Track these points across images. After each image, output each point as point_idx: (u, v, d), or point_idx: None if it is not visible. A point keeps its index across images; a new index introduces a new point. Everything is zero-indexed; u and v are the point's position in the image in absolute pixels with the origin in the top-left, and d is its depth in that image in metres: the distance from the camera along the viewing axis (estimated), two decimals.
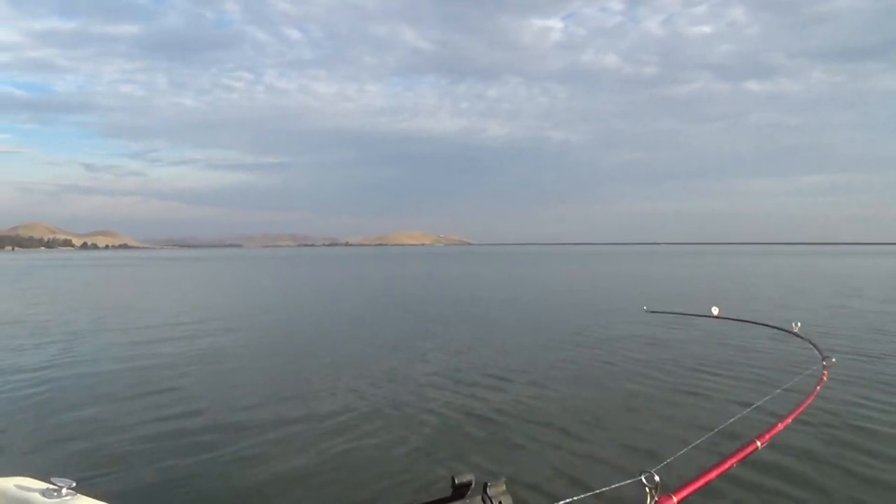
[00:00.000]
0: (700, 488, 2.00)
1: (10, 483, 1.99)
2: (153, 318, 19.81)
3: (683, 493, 1.95)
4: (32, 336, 15.52)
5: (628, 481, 1.96)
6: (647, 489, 1.87)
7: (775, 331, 5.17)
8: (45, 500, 1.85)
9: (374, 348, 13.27)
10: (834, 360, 3.54)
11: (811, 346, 3.97)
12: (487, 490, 1.92)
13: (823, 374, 3.30)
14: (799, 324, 4.27)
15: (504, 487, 1.95)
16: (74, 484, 1.91)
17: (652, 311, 10.29)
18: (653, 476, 1.87)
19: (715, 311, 5.39)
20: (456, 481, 1.92)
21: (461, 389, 9.27)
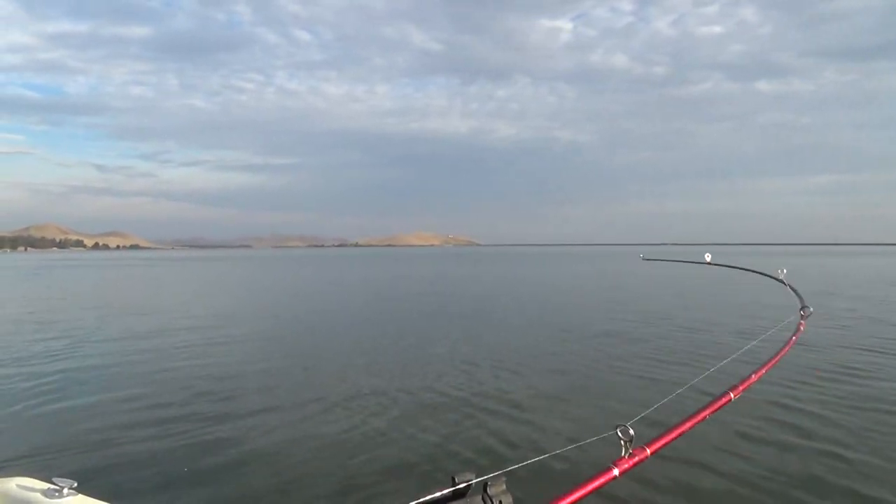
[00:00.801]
0: (674, 440, 2.04)
1: (12, 483, 1.99)
2: (161, 317, 20.10)
3: (657, 445, 2.01)
4: (39, 334, 15.80)
5: (603, 435, 2.01)
6: (622, 442, 1.92)
7: (762, 277, 5.28)
8: (47, 500, 1.85)
9: (379, 348, 13.50)
10: (811, 309, 3.64)
11: (793, 293, 4.10)
12: (488, 489, 1.92)
13: (800, 324, 3.40)
14: (785, 271, 4.40)
15: (504, 486, 1.93)
16: (76, 484, 1.90)
17: (647, 259, 10.51)
18: (627, 430, 1.92)
19: (707, 257, 5.58)
20: (456, 480, 1.91)
21: (463, 390, 9.47)
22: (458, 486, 1.90)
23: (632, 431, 1.91)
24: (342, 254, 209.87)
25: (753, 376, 2.60)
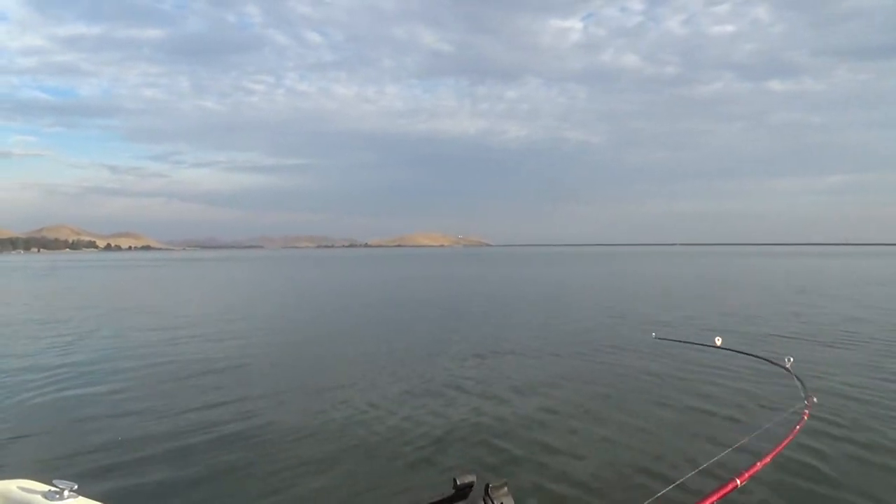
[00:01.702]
0: None
1: (13, 485, 2.01)
2: (165, 317, 20.11)
3: None
4: (39, 334, 15.78)
5: None
6: None
7: (769, 364, 5.35)
8: (48, 502, 1.87)
9: (384, 348, 13.44)
10: (815, 399, 3.71)
11: (798, 383, 4.12)
12: (489, 491, 1.91)
13: (804, 414, 3.45)
14: (791, 359, 4.40)
15: (506, 489, 1.94)
16: (76, 486, 1.92)
17: (660, 339, 10.65)
18: None
19: (718, 341, 5.55)
20: (458, 482, 1.92)
21: (467, 391, 9.41)
22: (459, 488, 1.90)
23: None
24: (350, 254, 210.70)
25: (759, 463, 2.66)
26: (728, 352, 7.07)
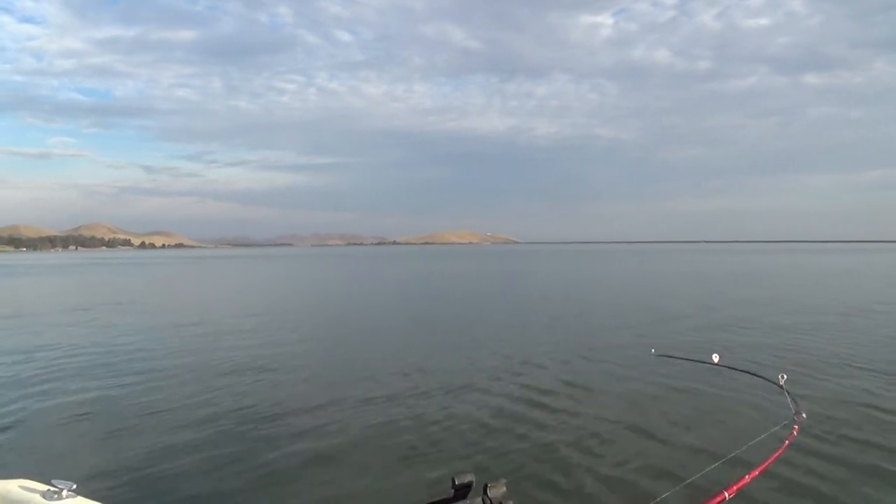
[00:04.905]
0: None
1: (12, 485, 2.01)
2: (178, 315, 20.46)
3: None
4: (48, 331, 16.22)
5: None
6: None
7: (763, 381, 5.37)
8: (46, 502, 1.88)
9: (398, 347, 13.54)
10: (804, 416, 3.72)
11: (790, 400, 4.11)
12: (488, 491, 1.91)
13: (795, 428, 3.49)
14: (785, 377, 4.41)
15: (504, 489, 1.95)
16: (75, 486, 1.93)
17: (660, 355, 10.71)
18: None
19: (715, 358, 5.65)
20: (456, 482, 1.93)
21: (469, 390, 9.42)
22: (458, 488, 1.91)
23: None
24: (380, 252, 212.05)
25: (747, 476, 2.71)
26: (725, 368, 7.06)
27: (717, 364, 5.41)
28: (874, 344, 12.97)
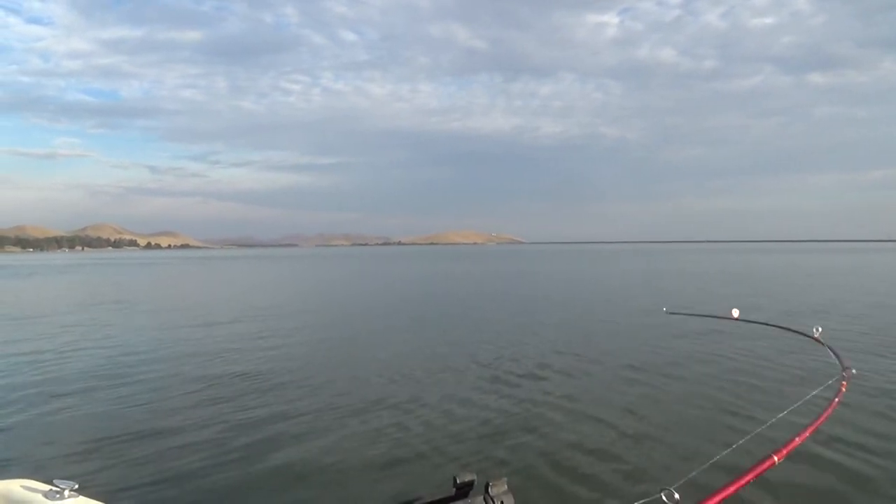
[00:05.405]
0: None
1: (14, 485, 2.02)
2: (181, 315, 20.44)
3: None
4: (49, 330, 16.20)
5: (648, 499, 1.94)
6: None
7: (796, 335, 5.02)
8: (48, 501, 1.88)
9: (398, 345, 13.50)
10: (854, 371, 3.46)
11: (832, 354, 3.88)
12: (489, 489, 1.92)
13: (842, 386, 3.26)
14: (820, 329, 4.13)
15: (506, 487, 1.95)
16: (77, 486, 1.93)
17: (671, 313, 10.07)
18: (672, 493, 1.86)
19: (735, 313, 5.18)
20: (458, 480, 1.93)
21: (472, 389, 9.44)
22: (459, 486, 1.90)
23: (677, 496, 1.85)
24: (384, 252, 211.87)
25: (797, 439, 2.56)
26: (749, 324, 6.64)
27: (737, 319, 5.04)
28: None
